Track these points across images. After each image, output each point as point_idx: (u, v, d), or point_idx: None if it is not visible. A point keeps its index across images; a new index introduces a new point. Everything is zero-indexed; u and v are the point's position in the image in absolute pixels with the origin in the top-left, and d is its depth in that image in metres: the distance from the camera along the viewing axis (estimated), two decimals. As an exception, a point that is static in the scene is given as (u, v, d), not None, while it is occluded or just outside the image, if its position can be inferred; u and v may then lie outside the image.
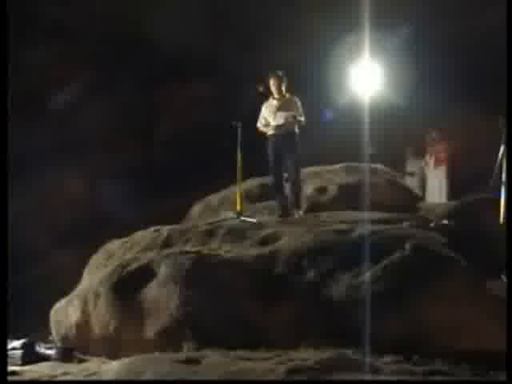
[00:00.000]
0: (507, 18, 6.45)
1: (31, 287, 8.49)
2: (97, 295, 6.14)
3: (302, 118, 7.58)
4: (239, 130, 7.43)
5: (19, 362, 5.83)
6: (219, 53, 13.16)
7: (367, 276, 5.44)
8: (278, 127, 7.54)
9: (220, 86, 13.29)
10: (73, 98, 12.93)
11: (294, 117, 7.49)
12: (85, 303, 6.23)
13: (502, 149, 7.39)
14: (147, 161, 13.39)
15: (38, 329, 6.86)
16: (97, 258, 7.18)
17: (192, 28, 12.91)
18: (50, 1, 12.68)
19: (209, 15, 13.23)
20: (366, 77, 10.18)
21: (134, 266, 6.18)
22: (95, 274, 6.65)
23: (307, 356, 4.82)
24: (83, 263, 7.32)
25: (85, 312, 6.21)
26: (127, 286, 6.03)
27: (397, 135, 11.92)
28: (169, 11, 12.94)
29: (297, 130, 7.62)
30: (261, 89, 7.53)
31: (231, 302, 5.60)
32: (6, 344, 5.18)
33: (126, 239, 7.27)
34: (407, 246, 5.64)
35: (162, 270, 5.99)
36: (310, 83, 11.37)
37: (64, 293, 6.81)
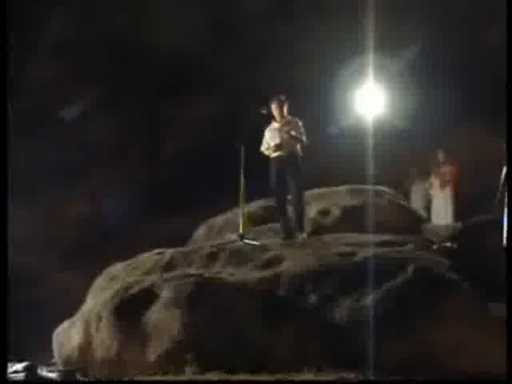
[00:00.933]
0: (507, 19, 6.50)
1: (32, 308, 8.49)
2: (99, 318, 6.14)
3: (303, 137, 7.61)
4: (242, 151, 7.45)
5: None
6: (223, 70, 13.27)
7: (369, 300, 5.44)
8: (277, 147, 7.57)
9: (225, 103, 13.40)
10: (75, 114, 13.03)
11: (290, 135, 7.51)
12: (87, 326, 6.23)
13: (504, 171, 7.41)
14: (152, 180, 13.45)
15: (39, 350, 6.86)
16: (100, 280, 7.19)
17: (196, 45, 13.02)
18: (53, 16, 12.83)
19: (214, 33, 13.36)
20: (370, 99, 10.29)
21: (137, 288, 6.19)
22: (98, 297, 6.65)
23: (309, 379, 4.82)
24: (86, 284, 7.34)
25: (87, 334, 6.20)
26: (129, 309, 6.03)
27: (401, 157, 11.98)
28: (172, 28, 13.06)
29: (300, 152, 7.66)
30: (264, 111, 7.58)
31: (233, 326, 5.60)
32: (6, 344, 5.09)
33: (128, 261, 7.29)
34: (410, 270, 5.65)
35: (165, 293, 6.00)
36: (315, 101, 11.46)
37: (66, 314, 6.82)
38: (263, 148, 7.83)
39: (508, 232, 6.34)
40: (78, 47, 12.97)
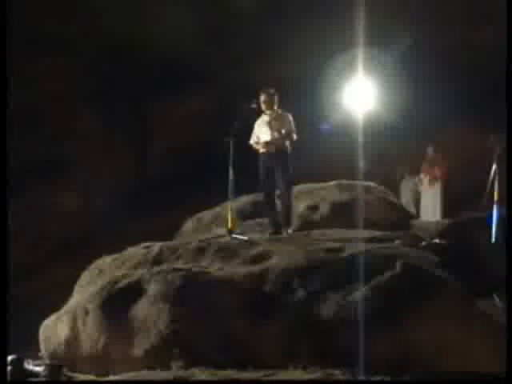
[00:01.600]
0: (507, 20, 6.52)
1: (20, 302, 8.45)
2: (86, 312, 6.12)
3: (294, 135, 7.61)
4: (231, 145, 7.43)
5: (8, 379, 5.76)
6: (215, 67, 13.24)
7: (356, 296, 5.44)
8: (266, 144, 7.57)
9: (215, 99, 13.38)
10: (68, 111, 12.97)
11: (281, 132, 7.50)
12: (74, 320, 6.21)
13: (493, 168, 7.45)
14: (141, 174, 13.43)
15: (28, 343, 6.83)
16: (87, 275, 7.16)
17: (185, 44, 12.98)
18: (47, 14, 12.76)
19: (203, 32, 13.33)
20: (360, 93, 10.28)
21: (124, 282, 6.17)
22: (85, 291, 6.63)
23: (296, 377, 4.82)
24: (73, 278, 7.30)
25: (74, 329, 6.19)
26: (116, 303, 6.01)
27: (390, 152, 12.01)
28: (161, 27, 13.02)
29: (288, 146, 7.65)
30: (253, 105, 7.56)
31: (220, 321, 5.60)
32: (5, 345, 5.20)
33: (116, 255, 7.25)
34: (398, 266, 5.65)
35: (152, 288, 5.98)
36: (303, 99, 11.45)
37: (53, 308, 6.79)
38: (252, 141, 7.82)
39: (508, 231, 6.33)
40: (66, 44, 12.90)
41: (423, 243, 6.69)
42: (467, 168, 10.82)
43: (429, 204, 10.81)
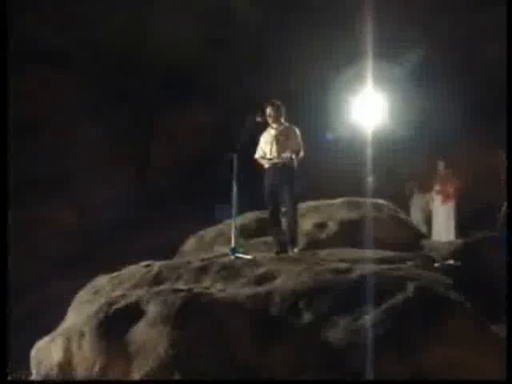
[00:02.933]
0: (507, 20, 6.52)
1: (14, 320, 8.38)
2: (81, 334, 6.00)
3: (301, 153, 7.58)
4: (235, 160, 7.39)
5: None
6: (219, 79, 13.26)
7: (367, 319, 5.37)
8: (272, 159, 7.55)
9: (219, 112, 13.38)
10: (67, 123, 12.99)
11: (287, 147, 7.47)
12: (68, 342, 6.09)
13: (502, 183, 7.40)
14: (141, 189, 13.40)
15: (20, 366, 6.75)
16: (83, 294, 7.08)
17: (190, 56, 13.01)
18: (46, 26, 12.82)
19: (209, 44, 13.37)
20: (369, 106, 10.27)
21: (122, 303, 6.08)
22: (81, 312, 6.54)
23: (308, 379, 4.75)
24: (68, 298, 7.22)
25: (68, 351, 6.06)
26: (114, 325, 5.91)
27: (400, 168, 11.96)
28: (167, 39, 13.07)
29: (295, 161, 7.60)
30: (259, 118, 7.53)
31: (223, 345, 5.51)
32: (6, 344, 5.32)
33: (114, 274, 7.19)
34: (410, 289, 5.59)
35: (151, 309, 5.89)
36: (310, 112, 11.45)
37: (47, 329, 6.70)
38: (257, 156, 7.79)
39: (508, 231, 6.26)
40: (69, 55, 12.96)
41: (436, 264, 6.62)
42: (480, 183, 10.76)
43: (441, 223, 10.69)
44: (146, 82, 13.26)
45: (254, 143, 7.86)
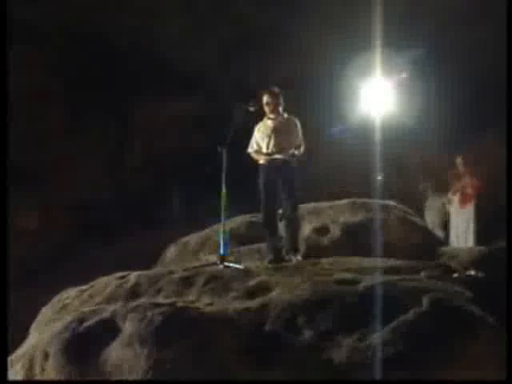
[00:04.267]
0: (507, 20, 6.59)
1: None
2: (45, 356, 5.99)
3: (302, 148, 7.60)
4: (224, 156, 7.39)
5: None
6: (205, 65, 13.24)
7: (375, 338, 5.35)
8: (268, 154, 7.59)
9: (206, 101, 13.37)
10: (31, 112, 12.94)
11: (294, 155, 7.53)
12: (30, 365, 6.08)
13: None
14: (115, 188, 13.37)
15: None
16: (47, 310, 7.08)
17: (171, 35, 12.99)
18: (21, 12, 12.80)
19: (192, 19, 13.35)
20: (377, 97, 10.31)
21: (93, 320, 6.07)
22: (45, 330, 6.52)
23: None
24: (30, 314, 7.23)
25: (30, 375, 6.05)
26: (83, 346, 5.89)
27: (412, 164, 11.99)
28: (144, 15, 13.06)
29: (294, 157, 7.65)
30: (252, 107, 7.52)
31: (210, 367, 5.48)
32: (6, 344, 5.52)
33: (84, 287, 7.19)
34: (424, 302, 5.59)
35: (128, 327, 5.87)
36: (311, 101, 11.46)
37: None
38: (251, 150, 7.80)
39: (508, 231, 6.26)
40: (39, 39, 12.94)
41: (454, 275, 6.63)
42: (502, 183, 10.77)
43: (460, 227, 10.71)
44: (118, 67, 13.23)
45: (247, 136, 7.86)
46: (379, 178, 9.55)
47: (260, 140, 7.78)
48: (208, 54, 13.31)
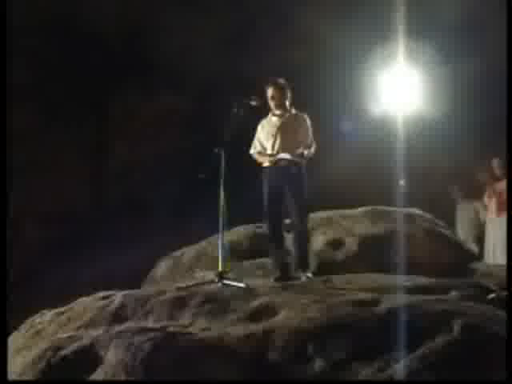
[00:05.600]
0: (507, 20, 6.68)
1: None
2: (17, 388, 6.02)
3: (312, 149, 7.61)
4: (222, 158, 7.40)
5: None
6: (197, 53, 13.26)
7: (398, 368, 5.33)
8: (274, 155, 7.58)
9: (199, 94, 13.39)
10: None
11: (303, 155, 7.55)
12: (0, 399, 6.10)
13: None
14: (96, 195, 13.39)
15: None
16: (18, 336, 7.06)
17: (157, 20, 13.02)
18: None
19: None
20: (401, 90, 10.32)
21: (71, 348, 6.07)
22: (16, 360, 6.49)
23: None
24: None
25: (0, 412, 6.08)
26: (60, 377, 5.89)
27: (441, 166, 11.98)
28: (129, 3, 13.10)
29: (305, 161, 7.70)
30: (253, 103, 7.53)
31: (207, 404, 5.50)
32: (5, 343, 5.85)
33: (60, 309, 7.19)
34: (455, 328, 5.57)
35: (111, 355, 5.87)
36: (326, 96, 11.49)
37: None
38: (253, 151, 7.82)
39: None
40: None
41: (490, 296, 6.62)
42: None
43: (496, 240, 10.66)
44: (97, 57, 13.27)
45: (248, 135, 7.87)
46: (402, 182, 9.52)
47: (264, 140, 7.80)
48: (202, 41, 13.33)
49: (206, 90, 12.96)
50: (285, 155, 7.56)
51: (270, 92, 7.68)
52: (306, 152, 7.59)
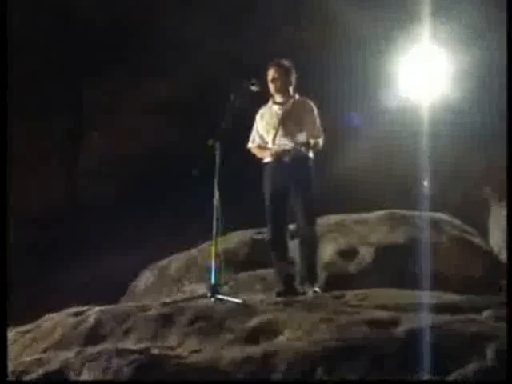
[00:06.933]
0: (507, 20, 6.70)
1: None
2: (-26, 419, 5.99)
3: (320, 140, 7.59)
4: (218, 152, 7.38)
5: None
6: (193, 35, 13.27)
7: (421, 400, 5.31)
8: (279, 153, 7.53)
9: (192, 79, 13.39)
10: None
11: (309, 144, 7.48)
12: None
13: None
14: (69, 197, 13.39)
15: None
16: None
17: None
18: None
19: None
20: (424, 78, 10.29)
21: (37, 373, 6.01)
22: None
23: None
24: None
25: None
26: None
27: (471, 166, 11.97)
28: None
29: (311, 153, 7.68)
30: (254, 88, 7.50)
31: None
32: (6, 343, 6.00)
33: (26, 327, 7.19)
34: (489, 352, 5.53)
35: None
36: (338, 80, 11.48)
37: None
38: (252, 144, 7.83)
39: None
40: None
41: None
42: None
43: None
44: (72, 39, 13.28)
45: (246, 126, 7.84)
46: (426, 181, 9.51)
47: (264, 132, 7.80)
48: (194, 20, 13.34)
49: (202, 73, 12.96)
50: (286, 144, 7.52)
51: (270, 74, 7.67)
52: (311, 141, 7.55)
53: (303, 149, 7.50)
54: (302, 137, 7.50)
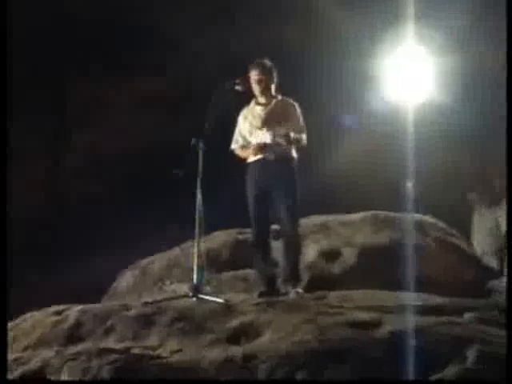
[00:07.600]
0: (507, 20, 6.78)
1: None
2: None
3: (303, 136, 7.61)
4: (201, 152, 7.42)
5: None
6: (179, 31, 13.25)
7: (402, 402, 5.35)
8: (261, 149, 7.57)
9: (174, 79, 13.37)
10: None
11: (289, 136, 7.47)
12: None
13: None
14: (51, 196, 13.33)
15: None
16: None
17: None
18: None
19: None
20: (410, 78, 10.30)
21: (17, 372, 6.04)
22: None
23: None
24: None
25: None
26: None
27: (457, 166, 11.98)
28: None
29: (294, 153, 7.69)
30: (238, 87, 7.54)
31: None
32: (6, 343, 5.96)
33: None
34: (471, 355, 5.58)
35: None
36: (322, 80, 11.47)
37: None
38: (235, 146, 7.85)
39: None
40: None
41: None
42: None
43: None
44: (54, 29, 13.24)
45: (229, 126, 7.88)
46: (410, 183, 9.53)
47: (247, 133, 7.82)
48: (182, 18, 13.33)
49: (189, 70, 12.93)
50: (267, 138, 7.53)
51: (255, 75, 7.67)
52: (292, 134, 7.56)
53: (283, 141, 7.50)
54: (282, 130, 7.50)
